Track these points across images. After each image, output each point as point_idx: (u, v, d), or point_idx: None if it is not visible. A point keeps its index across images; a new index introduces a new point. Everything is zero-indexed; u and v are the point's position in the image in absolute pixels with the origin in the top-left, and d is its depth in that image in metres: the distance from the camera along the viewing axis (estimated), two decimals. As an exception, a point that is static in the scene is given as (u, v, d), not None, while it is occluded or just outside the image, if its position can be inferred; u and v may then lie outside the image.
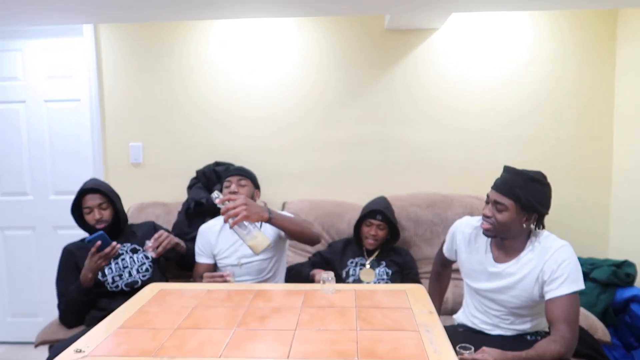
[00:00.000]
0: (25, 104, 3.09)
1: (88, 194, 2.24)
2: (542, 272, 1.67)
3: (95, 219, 2.22)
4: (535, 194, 1.66)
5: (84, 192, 2.24)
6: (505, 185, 1.69)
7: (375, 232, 2.45)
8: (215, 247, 2.27)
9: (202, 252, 2.30)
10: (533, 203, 1.65)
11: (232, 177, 2.28)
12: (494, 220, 1.71)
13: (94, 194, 2.24)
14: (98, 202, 2.23)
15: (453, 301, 2.53)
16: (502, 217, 1.69)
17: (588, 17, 2.84)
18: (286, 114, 2.98)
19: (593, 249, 2.88)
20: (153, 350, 1.32)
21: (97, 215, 2.22)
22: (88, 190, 2.24)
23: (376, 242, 2.47)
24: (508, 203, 1.67)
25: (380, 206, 2.50)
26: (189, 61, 2.98)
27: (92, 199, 2.23)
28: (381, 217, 2.45)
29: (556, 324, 1.59)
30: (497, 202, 1.70)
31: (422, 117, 2.95)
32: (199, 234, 2.34)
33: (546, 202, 1.70)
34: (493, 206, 1.71)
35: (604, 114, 2.89)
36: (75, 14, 2.41)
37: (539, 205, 1.67)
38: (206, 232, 2.31)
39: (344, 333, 1.41)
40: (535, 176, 1.69)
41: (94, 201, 2.22)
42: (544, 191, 1.70)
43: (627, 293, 2.44)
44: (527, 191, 1.65)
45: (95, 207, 2.22)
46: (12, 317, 3.24)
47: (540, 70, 2.88)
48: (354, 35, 2.92)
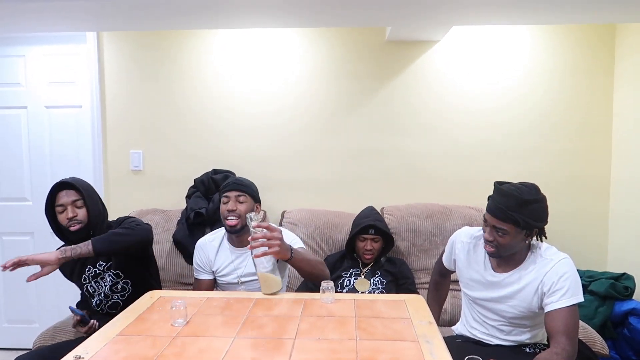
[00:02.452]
0: (26, 110, 3.10)
1: (62, 189, 1.98)
2: (542, 283, 1.67)
3: (67, 217, 1.95)
4: (532, 214, 1.63)
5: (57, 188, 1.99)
6: (500, 211, 1.65)
7: (371, 247, 2.46)
8: (214, 263, 2.19)
9: (202, 269, 2.21)
10: (532, 223, 1.64)
11: (230, 192, 2.12)
12: (496, 243, 1.70)
13: (69, 190, 1.98)
14: (72, 199, 1.97)
15: (451, 312, 2.53)
16: (505, 240, 1.68)
17: (587, 31, 2.88)
18: (286, 123, 3.00)
19: (592, 261, 2.89)
20: (152, 357, 1.32)
21: (70, 213, 1.95)
22: (62, 186, 1.99)
23: (374, 255, 2.48)
24: (507, 227, 1.64)
25: (371, 220, 2.51)
26: (191, 70, 2.99)
27: (66, 196, 1.97)
28: (374, 231, 2.46)
29: (556, 336, 1.59)
30: (496, 227, 1.68)
31: (421, 128, 2.96)
32: (197, 248, 2.24)
33: (544, 216, 1.69)
34: (493, 230, 1.70)
35: (603, 127, 2.91)
36: (78, 21, 2.42)
37: (539, 222, 1.66)
38: (205, 247, 2.21)
39: (343, 342, 1.40)
40: (529, 197, 1.63)
41: (67, 198, 1.97)
42: (541, 207, 1.67)
43: (626, 306, 2.44)
44: (524, 213, 1.62)
45: (69, 204, 1.96)
46: (8, 324, 3.22)
47: (539, 83, 2.91)
48: (355, 47, 2.95)
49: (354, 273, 2.49)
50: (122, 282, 2.09)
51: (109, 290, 2.08)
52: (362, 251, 2.48)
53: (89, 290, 2.10)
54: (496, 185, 1.73)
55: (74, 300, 3.07)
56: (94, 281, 2.09)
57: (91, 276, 2.09)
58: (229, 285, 2.16)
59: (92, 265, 2.08)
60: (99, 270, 2.08)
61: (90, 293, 2.10)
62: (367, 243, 2.46)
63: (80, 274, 2.10)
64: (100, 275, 2.08)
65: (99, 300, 2.09)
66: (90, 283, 2.09)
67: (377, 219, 2.53)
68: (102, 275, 2.08)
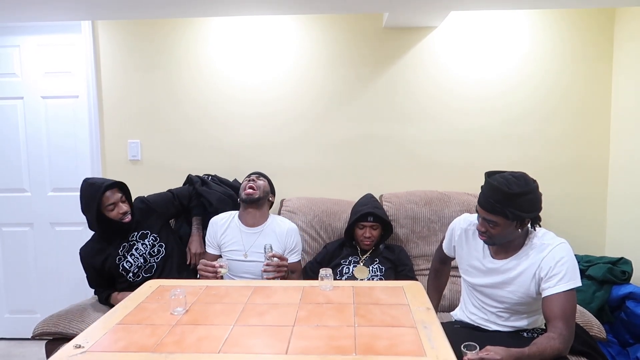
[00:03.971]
0: (23, 100, 3.08)
1: (107, 190, 2.28)
2: (539, 268, 1.68)
3: (121, 212, 2.29)
4: (521, 206, 1.62)
5: (103, 191, 2.26)
6: (488, 204, 1.65)
7: (370, 234, 2.47)
8: (220, 239, 2.42)
9: (210, 244, 2.46)
10: (521, 214, 1.63)
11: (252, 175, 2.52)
12: (489, 234, 1.72)
13: (113, 189, 2.30)
14: (119, 196, 2.30)
15: (450, 298, 2.55)
16: (496, 231, 1.69)
17: (586, 16, 2.85)
18: (284, 111, 2.99)
19: (589, 246, 2.90)
20: (152, 346, 1.33)
21: (123, 208, 2.30)
22: (108, 187, 2.28)
23: (372, 242, 2.48)
24: (497, 219, 1.65)
25: (369, 207, 2.51)
26: (187, 58, 2.97)
27: (113, 195, 2.29)
28: (372, 219, 2.46)
29: (554, 321, 1.60)
30: (486, 219, 1.69)
31: (420, 115, 2.95)
32: (210, 225, 2.50)
33: (536, 206, 1.67)
34: (484, 221, 1.71)
35: (601, 112, 2.90)
36: (73, 11, 2.40)
37: (529, 213, 1.65)
38: (215, 224, 2.47)
39: (341, 329, 1.41)
40: (517, 190, 1.61)
41: (116, 196, 2.29)
42: (530, 198, 1.64)
43: (623, 290, 2.45)
44: (512, 206, 1.61)
45: (119, 201, 2.29)
46: (9, 314, 3.24)
47: (538, 68, 2.89)
48: (352, 33, 2.92)
49: (353, 261, 2.50)
50: (157, 245, 2.41)
51: (148, 254, 2.38)
52: (360, 238, 2.48)
53: (125, 267, 2.34)
54: (486, 176, 1.72)
55: (75, 291, 3.10)
56: (129, 255, 2.35)
57: (126, 251, 2.36)
58: (234, 262, 2.33)
59: (126, 242, 2.37)
60: (132, 242, 2.37)
61: (127, 269, 2.35)
62: (366, 230, 2.47)
63: (115, 255, 2.34)
64: (134, 246, 2.37)
65: (136, 269, 2.36)
66: (126, 259, 2.35)
67: (375, 207, 2.53)
68: (135, 245, 2.37)
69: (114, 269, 2.33)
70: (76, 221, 3.09)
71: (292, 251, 2.41)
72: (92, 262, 2.34)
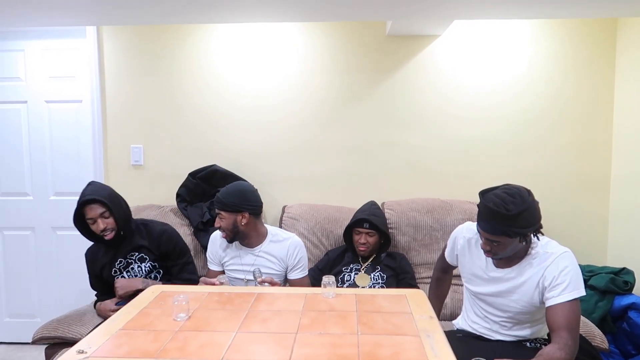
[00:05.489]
0: (26, 105, 3.09)
1: (88, 204, 2.16)
2: (543, 277, 1.67)
3: (99, 229, 2.17)
4: (521, 224, 1.60)
5: (83, 203, 2.16)
6: (489, 227, 1.64)
7: (365, 240, 2.47)
8: (222, 257, 2.32)
9: (212, 260, 2.36)
10: (523, 231, 1.62)
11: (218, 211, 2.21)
12: (494, 251, 1.71)
13: (94, 204, 2.16)
14: (99, 212, 2.16)
15: (452, 306, 2.54)
16: (499, 249, 1.68)
17: (588, 26, 2.87)
18: (287, 118, 2.99)
19: (591, 257, 2.90)
20: (154, 352, 1.33)
21: (102, 225, 2.17)
22: (86, 202, 2.16)
23: (368, 249, 2.48)
24: (500, 239, 1.64)
25: (366, 214, 2.51)
26: (191, 64, 2.99)
27: (93, 210, 2.16)
28: (368, 225, 2.46)
29: (558, 331, 1.59)
30: (489, 239, 1.68)
31: (422, 123, 2.96)
32: (210, 241, 2.39)
33: (535, 219, 1.65)
34: (487, 241, 1.70)
35: (604, 121, 2.91)
36: (78, 16, 2.41)
37: (530, 227, 1.64)
38: (215, 241, 2.36)
39: (345, 337, 1.41)
40: (515, 210, 1.58)
41: (94, 211, 2.16)
42: (530, 214, 1.62)
43: (625, 300, 2.45)
44: (514, 226, 1.59)
45: (98, 217, 2.16)
46: (9, 318, 3.23)
47: (540, 77, 2.90)
48: (355, 41, 2.94)
49: (354, 268, 2.49)
50: (155, 272, 2.33)
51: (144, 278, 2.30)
52: (357, 244, 2.49)
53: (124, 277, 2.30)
54: (480, 196, 1.70)
55: (75, 296, 3.10)
56: (125, 271, 2.30)
57: (122, 267, 2.30)
58: (235, 280, 2.27)
59: (122, 258, 2.29)
60: (130, 261, 2.30)
61: None
62: (361, 237, 2.47)
63: (110, 267, 2.29)
64: (130, 265, 2.30)
65: None
66: (122, 273, 2.30)
67: (373, 214, 2.53)
68: (132, 265, 2.30)
69: (110, 279, 2.28)
70: (78, 226, 3.09)
71: (295, 268, 2.26)
72: (92, 266, 2.32)
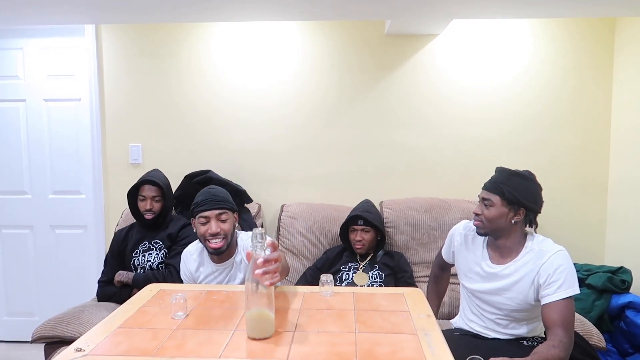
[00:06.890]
0: (25, 103, 3.09)
1: (147, 184, 2.43)
2: (538, 275, 1.69)
3: (145, 208, 2.43)
4: (518, 187, 1.73)
5: (143, 182, 2.43)
6: (490, 184, 1.80)
7: (361, 237, 2.48)
8: (196, 276, 2.09)
9: (187, 278, 2.12)
10: (517, 196, 1.73)
11: (209, 211, 1.92)
12: (482, 217, 1.79)
13: (152, 186, 2.43)
14: (153, 194, 2.43)
15: (449, 305, 2.55)
16: (489, 213, 1.77)
17: (587, 25, 2.87)
18: (286, 117, 3.00)
19: (589, 255, 2.91)
20: (153, 350, 1.33)
21: (149, 205, 2.42)
22: (147, 181, 2.43)
23: (364, 246, 2.49)
24: (494, 198, 1.76)
25: (359, 211, 2.53)
26: (190, 63, 2.99)
27: (149, 190, 2.43)
28: (362, 222, 2.47)
29: (554, 328, 1.61)
30: (484, 198, 1.80)
31: (421, 122, 2.96)
32: (182, 259, 2.14)
33: (532, 197, 1.76)
34: (482, 203, 1.81)
35: (602, 121, 2.92)
36: (77, 14, 2.41)
37: (524, 199, 1.73)
38: (187, 259, 2.12)
39: (342, 335, 1.41)
40: (519, 171, 1.78)
41: (150, 192, 2.43)
42: (527, 185, 1.76)
43: (623, 299, 2.46)
44: (510, 185, 1.74)
45: (149, 197, 2.42)
46: (8, 316, 3.23)
47: (538, 77, 2.91)
48: (354, 40, 2.94)
49: (352, 267, 2.50)
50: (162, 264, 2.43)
51: (155, 266, 2.41)
52: (353, 242, 2.50)
53: (134, 264, 2.44)
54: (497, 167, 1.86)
55: (74, 294, 3.10)
56: (141, 254, 2.44)
57: (144, 249, 2.45)
58: None
59: (148, 241, 2.45)
60: (151, 246, 2.44)
61: (135, 266, 2.44)
62: (357, 234, 2.48)
63: (135, 246, 2.46)
64: (150, 250, 2.44)
65: (141, 270, 2.42)
66: (142, 255, 2.43)
67: (366, 211, 2.54)
68: (150, 251, 2.44)
69: (129, 257, 2.45)
70: (76, 224, 3.10)
71: None
72: (116, 244, 2.49)
